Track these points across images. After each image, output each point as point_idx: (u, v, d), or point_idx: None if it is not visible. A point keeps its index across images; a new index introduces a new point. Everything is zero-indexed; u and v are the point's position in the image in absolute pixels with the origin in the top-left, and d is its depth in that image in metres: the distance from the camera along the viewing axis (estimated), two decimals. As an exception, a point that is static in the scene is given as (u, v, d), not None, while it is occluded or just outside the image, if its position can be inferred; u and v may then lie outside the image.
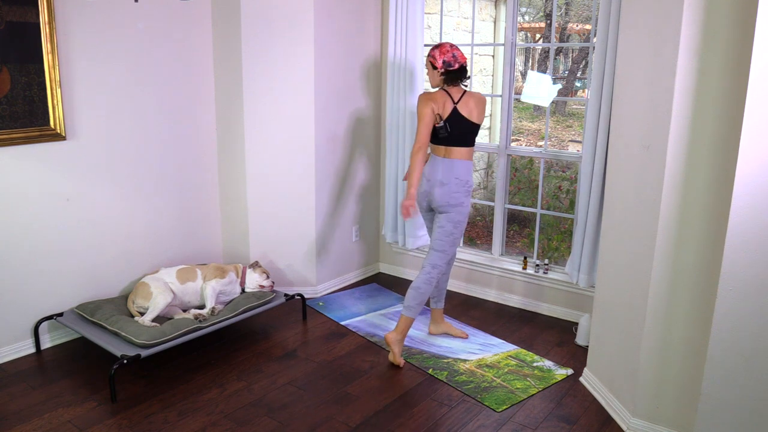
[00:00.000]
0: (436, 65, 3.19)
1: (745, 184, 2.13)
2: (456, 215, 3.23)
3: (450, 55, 3.18)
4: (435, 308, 3.59)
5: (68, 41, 3.20)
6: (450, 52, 3.18)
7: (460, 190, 3.21)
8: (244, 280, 3.65)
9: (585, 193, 3.56)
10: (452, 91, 3.20)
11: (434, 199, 3.24)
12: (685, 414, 2.50)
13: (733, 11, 2.17)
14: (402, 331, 3.27)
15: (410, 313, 3.25)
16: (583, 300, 3.75)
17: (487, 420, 2.79)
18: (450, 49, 3.19)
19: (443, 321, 3.63)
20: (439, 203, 3.23)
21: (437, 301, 3.56)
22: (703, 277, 2.37)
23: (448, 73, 3.19)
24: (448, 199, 3.21)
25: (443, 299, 3.57)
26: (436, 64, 3.19)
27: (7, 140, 3.03)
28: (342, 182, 4.27)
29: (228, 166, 4.07)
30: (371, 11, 4.27)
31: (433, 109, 3.16)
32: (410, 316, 3.26)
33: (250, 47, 3.79)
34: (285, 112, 3.91)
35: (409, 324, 3.27)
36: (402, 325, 3.26)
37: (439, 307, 3.58)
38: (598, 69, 3.37)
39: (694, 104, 2.30)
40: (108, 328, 3.12)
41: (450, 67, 3.18)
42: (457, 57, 3.18)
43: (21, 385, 3.01)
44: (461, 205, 3.23)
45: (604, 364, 2.95)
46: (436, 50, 3.20)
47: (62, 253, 3.35)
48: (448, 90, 3.21)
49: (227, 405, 2.88)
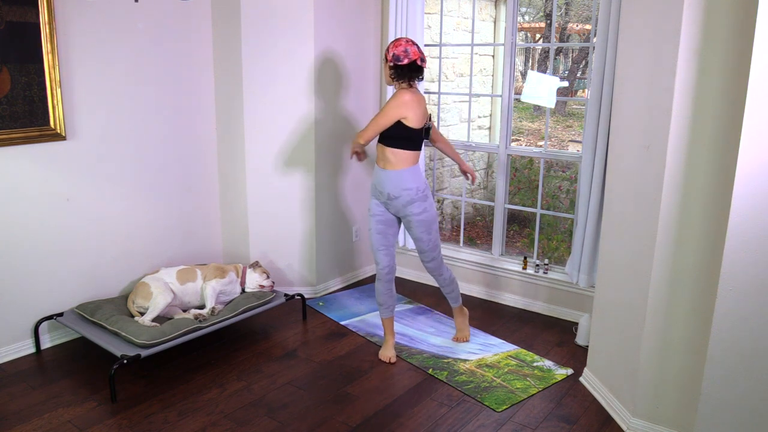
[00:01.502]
0: (387, 57, 3.06)
1: (745, 184, 2.13)
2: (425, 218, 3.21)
3: (402, 49, 3.02)
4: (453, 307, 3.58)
5: (68, 41, 3.20)
6: (403, 47, 3.02)
7: (415, 198, 3.16)
8: (244, 280, 3.65)
9: (585, 193, 3.56)
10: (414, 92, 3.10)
11: (398, 211, 3.23)
12: (685, 414, 2.50)
13: (733, 11, 2.16)
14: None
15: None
16: (583, 300, 3.75)
17: (487, 420, 2.79)
18: (404, 44, 3.03)
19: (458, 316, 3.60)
20: (403, 213, 3.21)
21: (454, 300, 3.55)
22: (703, 277, 2.37)
23: (396, 68, 3.04)
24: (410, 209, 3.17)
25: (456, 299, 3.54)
26: (387, 57, 3.06)
27: (7, 140, 3.03)
28: (342, 182, 4.26)
29: (228, 166, 4.07)
30: (371, 11, 4.27)
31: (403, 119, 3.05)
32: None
33: (250, 47, 3.79)
34: (285, 112, 3.91)
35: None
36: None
37: (453, 306, 3.56)
38: (598, 69, 3.37)
39: (694, 104, 2.30)
40: (108, 328, 3.12)
41: (398, 61, 3.02)
42: (409, 52, 3.01)
43: (21, 385, 3.01)
44: (425, 210, 3.19)
45: (604, 364, 2.95)
46: (391, 44, 3.06)
47: (62, 253, 3.35)
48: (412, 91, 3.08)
49: (227, 405, 2.88)
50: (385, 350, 3.34)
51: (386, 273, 3.26)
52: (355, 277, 4.53)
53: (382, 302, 3.31)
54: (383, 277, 3.27)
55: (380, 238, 3.24)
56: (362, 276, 4.59)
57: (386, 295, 3.30)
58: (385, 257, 3.25)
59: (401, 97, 3.06)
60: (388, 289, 3.29)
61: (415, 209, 3.17)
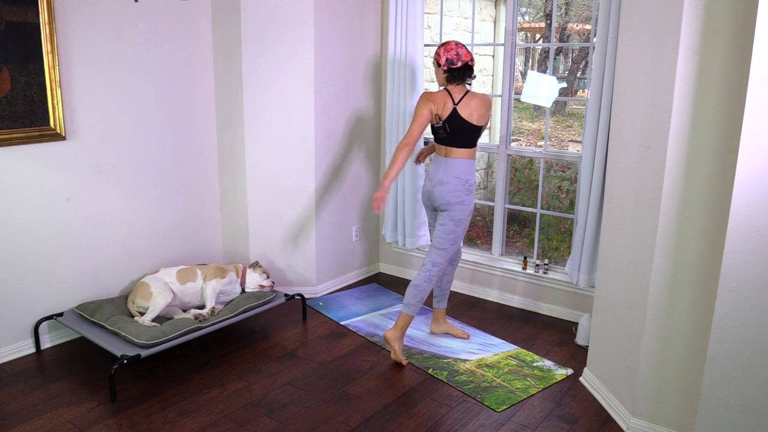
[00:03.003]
0: (440, 62, 3.21)
1: (745, 184, 2.13)
2: (458, 213, 3.23)
3: (454, 53, 3.17)
4: (437, 308, 3.59)
5: (68, 41, 3.20)
6: (454, 50, 3.18)
7: (460, 189, 3.21)
8: (244, 280, 3.65)
9: (585, 193, 3.56)
10: (454, 91, 3.20)
11: (435, 198, 3.25)
12: (685, 414, 2.50)
13: (732, 11, 2.16)
14: (401, 329, 3.27)
15: (409, 311, 3.26)
16: (583, 300, 3.75)
17: (487, 420, 2.79)
18: (455, 47, 3.18)
19: (445, 321, 3.63)
20: (440, 201, 3.24)
21: (440, 301, 3.56)
22: (703, 277, 2.37)
23: (450, 71, 3.19)
24: (448, 197, 3.21)
25: (446, 299, 3.57)
26: (440, 62, 3.20)
27: (7, 140, 3.03)
28: (342, 182, 4.26)
29: (228, 166, 4.07)
30: (371, 11, 4.27)
31: (431, 110, 3.16)
32: (409, 314, 3.26)
33: (250, 47, 3.79)
34: (285, 112, 3.91)
35: (408, 321, 3.28)
36: (401, 322, 3.27)
37: (441, 307, 3.58)
38: (598, 69, 3.37)
39: (694, 104, 2.30)
40: (108, 328, 3.12)
41: (453, 65, 3.17)
42: (461, 55, 3.17)
43: (21, 385, 3.01)
44: (462, 203, 3.23)
45: (604, 364, 2.95)
46: (441, 48, 3.20)
47: (62, 253, 3.35)
48: (450, 90, 3.20)
49: (227, 405, 2.88)
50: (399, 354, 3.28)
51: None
52: (355, 277, 4.53)
53: (424, 298, 3.30)
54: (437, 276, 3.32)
55: None
56: (362, 276, 4.59)
57: None
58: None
59: (421, 97, 3.26)
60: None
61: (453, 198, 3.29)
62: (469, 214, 3.29)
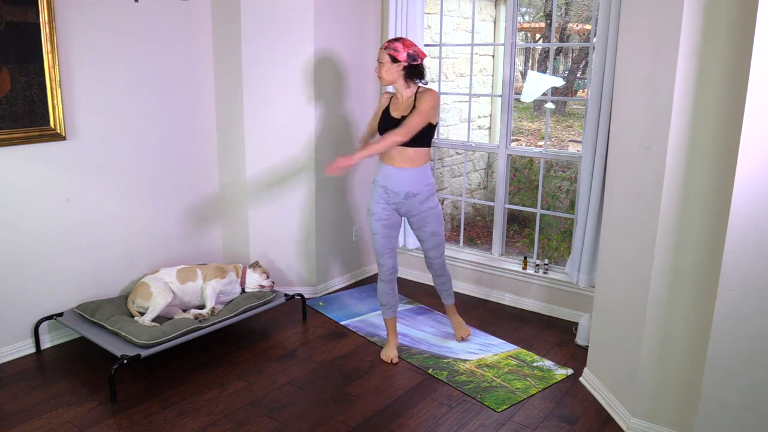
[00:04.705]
0: (399, 58, 3.00)
1: (745, 184, 2.13)
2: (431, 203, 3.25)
3: (413, 49, 3.01)
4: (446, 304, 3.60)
5: (68, 41, 3.20)
6: (413, 46, 3.01)
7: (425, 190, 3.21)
8: (244, 280, 3.65)
9: (585, 193, 3.57)
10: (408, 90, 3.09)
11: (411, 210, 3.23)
12: (685, 414, 2.49)
13: (733, 11, 2.16)
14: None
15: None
16: (583, 300, 3.75)
17: (487, 420, 2.79)
18: (411, 44, 3.03)
19: (453, 316, 3.62)
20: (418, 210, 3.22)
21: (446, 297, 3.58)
22: (703, 277, 2.37)
23: (411, 67, 3.04)
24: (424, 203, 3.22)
25: (448, 296, 3.54)
26: (399, 57, 3.00)
27: (7, 140, 3.03)
28: (342, 182, 4.26)
29: (228, 166, 4.07)
30: (371, 11, 4.27)
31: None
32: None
33: (250, 47, 3.79)
34: (285, 112, 3.91)
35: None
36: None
37: (448, 303, 3.58)
38: (598, 69, 3.37)
39: (694, 104, 2.30)
40: (108, 328, 3.12)
41: (414, 61, 3.02)
42: (418, 52, 3.02)
43: (21, 385, 3.01)
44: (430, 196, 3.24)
45: (604, 364, 2.95)
46: (398, 43, 3.00)
47: (62, 253, 3.35)
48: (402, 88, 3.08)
49: (227, 405, 2.88)
50: (387, 350, 3.34)
51: (390, 274, 3.26)
52: (355, 277, 4.53)
53: (385, 303, 3.31)
54: (387, 278, 3.27)
55: (386, 241, 3.23)
56: (362, 276, 4.59)
57: (389, 295, 3.30)
58: (389, 260, 3.25)
59: (435, 97, 3.08)
60: (391, 290, 3.29)
61: (431, 203, 3.22)
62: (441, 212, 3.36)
